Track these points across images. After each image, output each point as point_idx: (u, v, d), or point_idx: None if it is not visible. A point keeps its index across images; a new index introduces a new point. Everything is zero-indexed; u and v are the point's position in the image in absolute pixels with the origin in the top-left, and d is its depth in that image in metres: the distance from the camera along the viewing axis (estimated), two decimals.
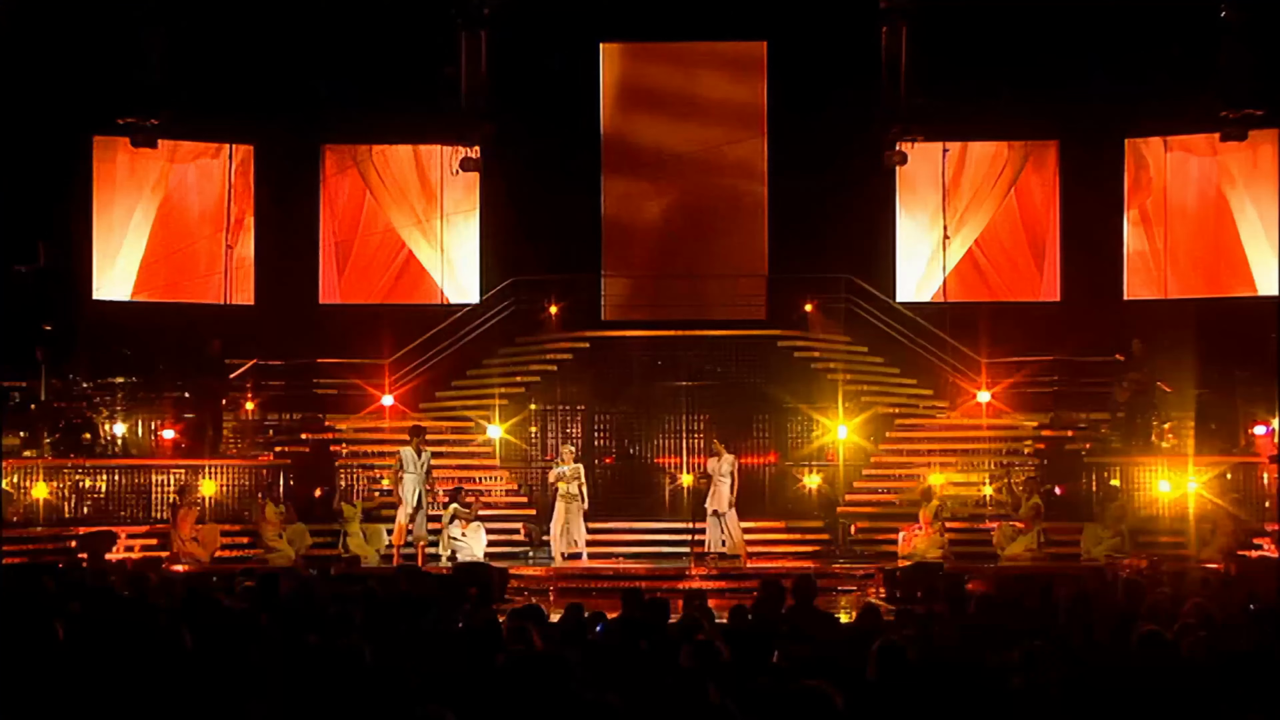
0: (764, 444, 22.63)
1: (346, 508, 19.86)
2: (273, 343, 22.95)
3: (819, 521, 21.07)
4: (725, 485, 19.57)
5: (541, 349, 23.30)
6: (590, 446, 22.75)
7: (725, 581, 18.07)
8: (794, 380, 22.62)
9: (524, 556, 20.04)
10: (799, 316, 23.36)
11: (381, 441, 21.79)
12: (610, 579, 18.10)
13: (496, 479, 21.94)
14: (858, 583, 18.30)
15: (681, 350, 22.90)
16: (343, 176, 24.62)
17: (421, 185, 24.72)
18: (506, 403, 22.58)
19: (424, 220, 24.63)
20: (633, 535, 20.75)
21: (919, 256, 24.55)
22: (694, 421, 22.70)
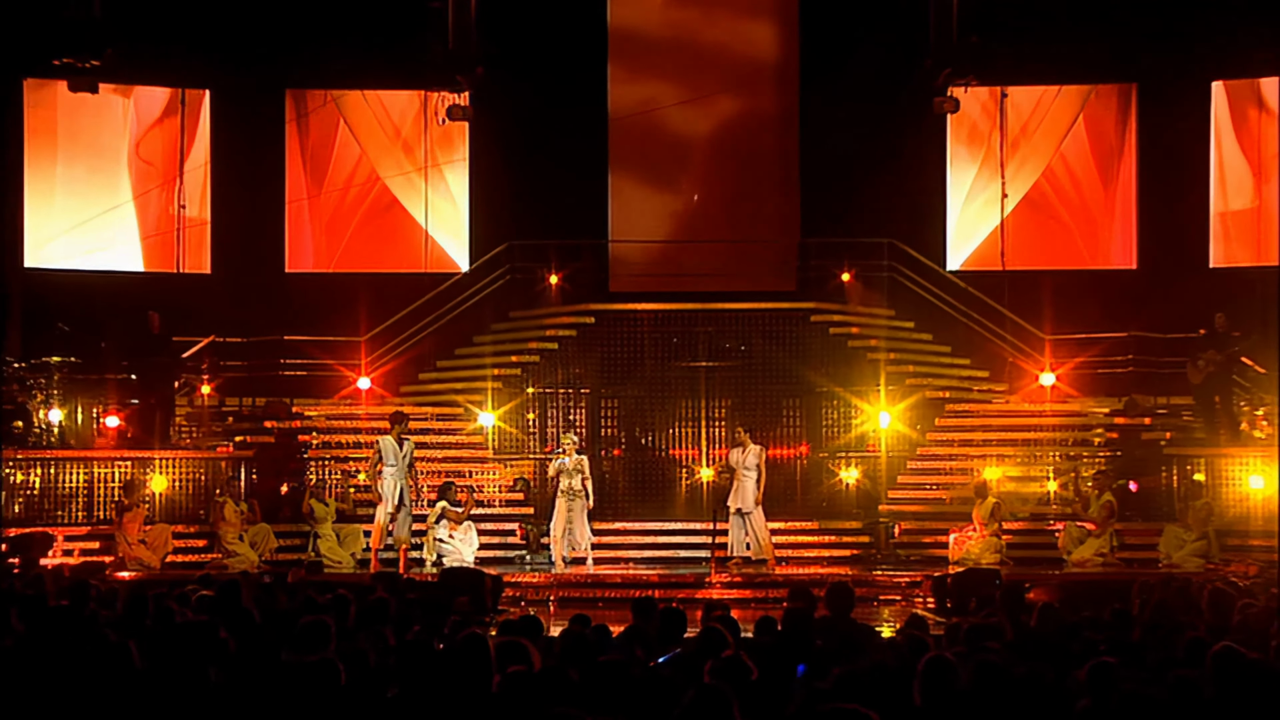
0: (795, 433, 22.66)
1: (318, 506, 19.93)
2: (232, 317, 22.99)
3: (857, 522, 21.10)
4: (750, 480, 19.60)
5: (540, 324, 23.34)
6: (596, 436, 22.80)
7: (750, 590, 18.11)
8: (829, 360, 22.62)
9: (521, 561, 20.09)
10: (835, 287, 23.36)
11: (357, 431, 21.84)
12: (619, 587, 18.15)
13: (489, 473, 22.00)
14: (902, 591, 18.33)
15: (700, 326, 22.94)
16: (312, 126, 24.62)
17: (401, 137, 24.71)
18: (500, 386, 22.63)
19: (405, 178, 24.62)
20: (645, 537, 20.79)
21: (973, 218, 24.50)
22: (715, 407, 22.72)
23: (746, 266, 23.48)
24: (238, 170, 24.18)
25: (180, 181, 24.01)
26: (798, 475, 22.58)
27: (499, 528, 20.74)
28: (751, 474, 19.62)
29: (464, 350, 23.65)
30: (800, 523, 21.02)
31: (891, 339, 22.85)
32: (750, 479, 19.60)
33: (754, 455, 19.71)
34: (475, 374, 22.90)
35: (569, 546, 19.48)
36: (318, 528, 19.80)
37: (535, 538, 20.36)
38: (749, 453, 19.74)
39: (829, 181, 23.87)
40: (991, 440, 21.87)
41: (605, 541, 20.46)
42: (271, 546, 19.62)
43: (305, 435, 21.67)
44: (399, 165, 24.70)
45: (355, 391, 22.63)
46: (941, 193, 24.36)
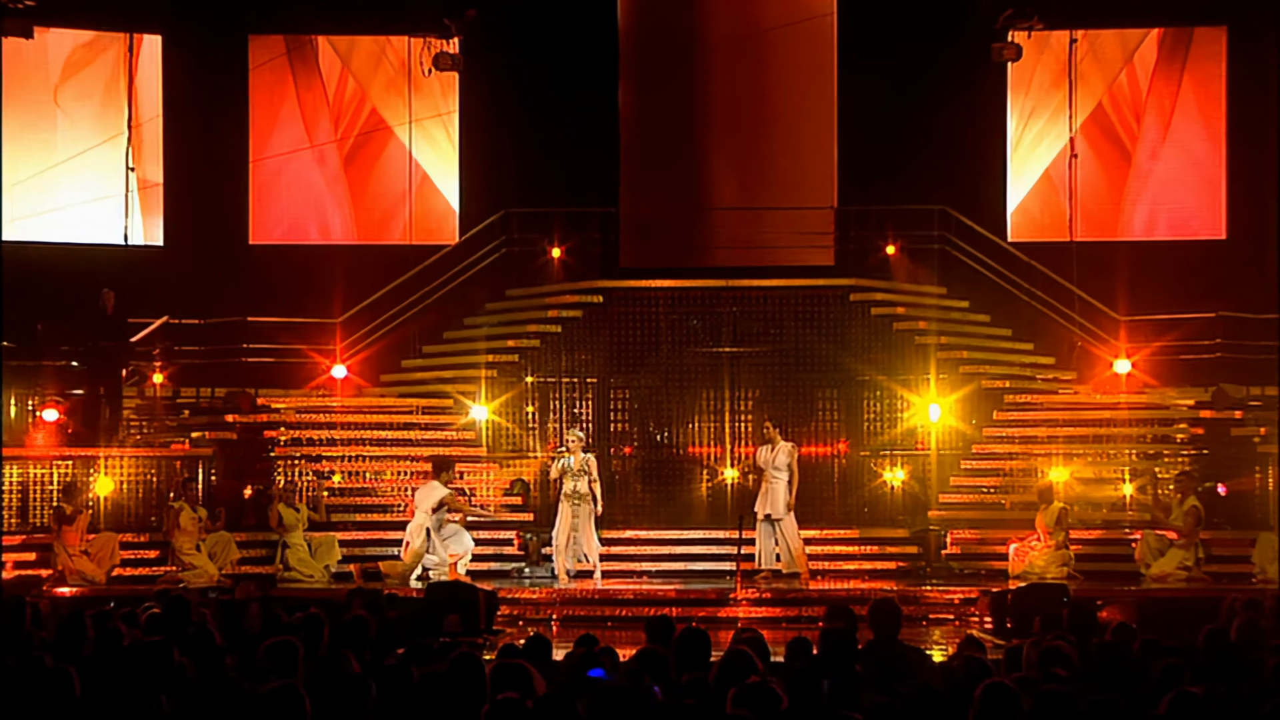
0: (832, 428, 22.65)
1: (286, 512, 19.93)
2: (189, 295, 23.01)
3: (903, 530, 21.08)
4: (781, 482, 19.58)
5: (541, 304, 23.35)
6: (605, 432, 22.82)
7: (782, 608, 18.10)
8: (872, 344, 22.61)
9: (518, 575, 20.10)
10: (878, 261, 23.36)
11: (331, 425, 21.87)
12: (631, 604, 18.14)
13: (483, 474, 22.02)
14: (955, 610, 18.29)
15: (724, 306, 22.95)
16: (279, 77, 24.61)
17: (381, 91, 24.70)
18: (495, 375, 22.63)
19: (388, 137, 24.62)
20: (660, 548, 20.79)
21: (1037, 183, 24.44)
22: (740, 399, 22.72)
23: (777, 238, 23.47)
24: (195, 127, 24.18)
25: (128, 140, 24.00)
26: (835, 477, 22.57)
27: (494, 536, 20.74)
28: (782, 475, 19.59)
29: (454, 334, 23.64)
30: (838, 531, 21.00)
31: (943, 320, 22.82)
32: (780, 481, 19.57)
33: (785, 454, 19.69)
34: (466, 361, 22.90)
35: (574, 558, 19.47)
36: (287, 536, 19.81)
37: (535, 548, 20.34)
38: (779, 451, 19.71)
39: (871, 141, 23.83)
40: (1058, 436, 21.82)
41: (615, 552, 20.45)
42: (233, 558, 19.63)
43: (272, 431, 21.68)
44: (379, 122, 24.68)
45: (329, 381, 22.65)
46: (1000, 153, 24.31)
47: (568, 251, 23.64)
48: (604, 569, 19.73)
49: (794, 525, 19.61)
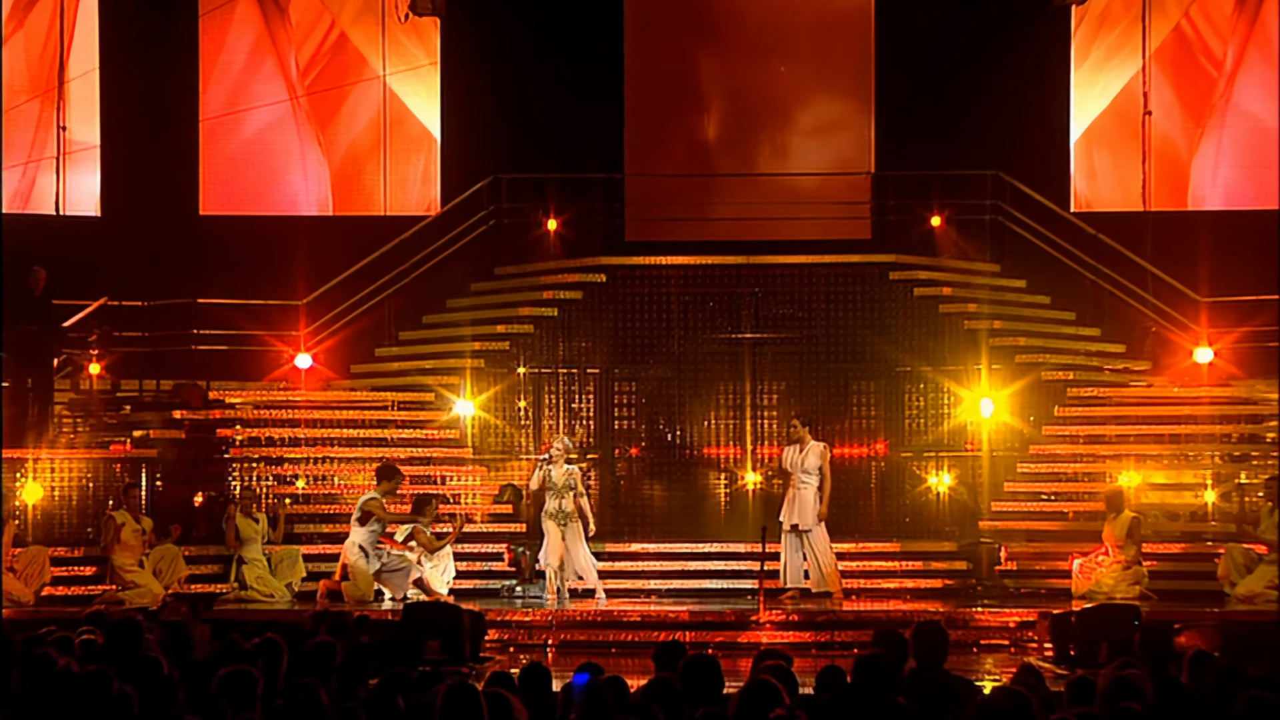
0: (868, 426, 22.67)
1: (243, 523, 19.91)
2: (130, 273, 23.02)
3: (951, 543, 21.07)
4: (810, 488, 19.56)
5: (535, 284, 23.36)
6: (608, 430, 22.88)
7: (811, 632, 18.09)
8: (914, 330, 22.62)
9: (509, 594, 20.09)
10: (922, 235, 23.37)
11: (294, 423, 21.86)
12: (638, 627, 18.11)
13: (468, 478, 22.03)
14: (1010, 635, 18.28)
15: (745, 286, 22.96)
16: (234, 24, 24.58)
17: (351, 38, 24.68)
18: (483, 365, 22.64)
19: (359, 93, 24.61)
20: (671, 563, 20.78)
21: (1105, 144, 24.40)
22: (763, 393, 22.75)
23: (806, 208, 23.47)
24: (136, 81, 24.16)
25: (60, 96, 23.99)
26: (872, 481, 22.58)
27: (481, 549, 20.74)
28: (811, 480, 19.57)
29: (435, 318, 23.65)
30: (876, 544, 20.99)
31: (996, 302, 22.80)
32: (809, 487, 19.56)
33: (815, 455, 19.66)
34: (449, 349, 22.91)
35: (572, 575, 19.47)
36: (243, 550, 19.79)
37: (528, 563, 20.34)
38: (808, 452, 19.68)
39: (913, 97, 23.87)
40: (1129, 436, 21.78)
41: (620, 568, 20.47)
42: (181, 575, 19.62)
43: (227, 429, 21.67)
44: (350, 77, 24.66)
45: (292, 372, 22.64)
46: (1062, 110, 24.27)
47: (566, 223, 23.64)
48: (607, 587, 19.70)
49: (825, 537, 19.58)
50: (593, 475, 22.40)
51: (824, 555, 19.56)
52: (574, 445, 20.61)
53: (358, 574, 19.26)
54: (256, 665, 8.98)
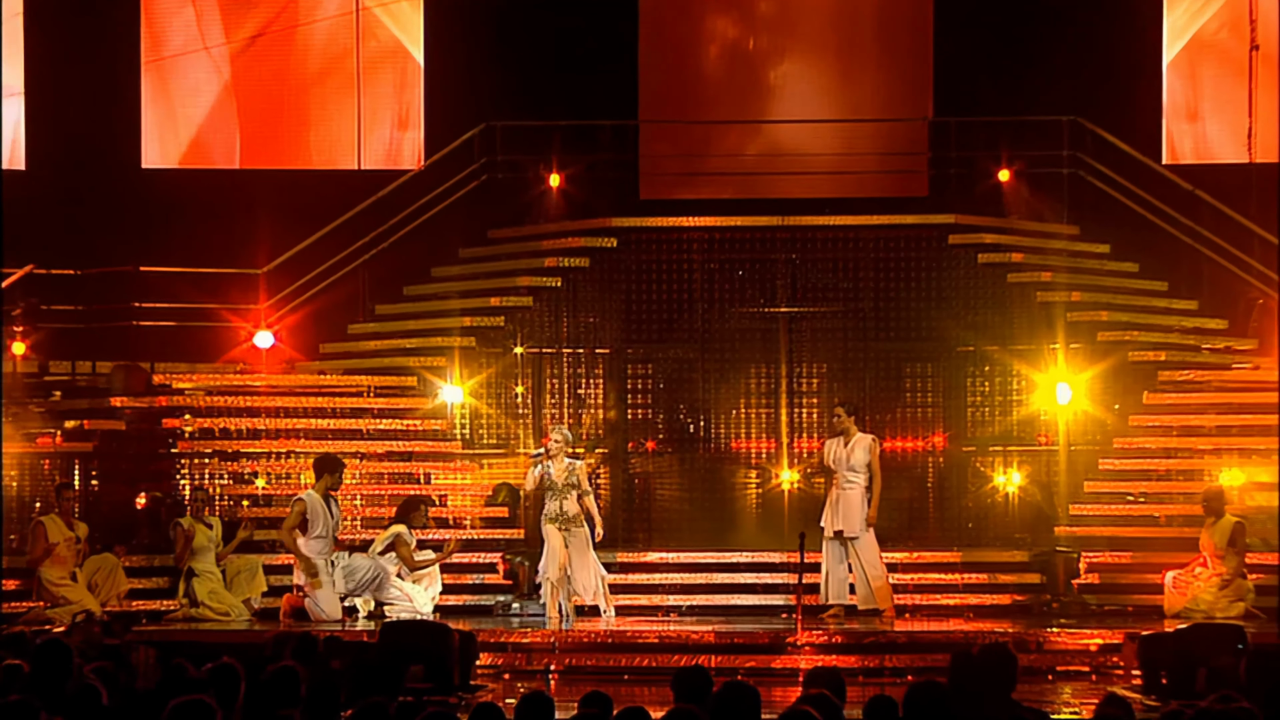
0: (925, 415, 22.67)
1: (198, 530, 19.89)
2: (61, 237, 22.99)
3: (1021, 552, 20.99)
4: (856, 488, 19.48)
5: (535, 250, 23.37)
6: (621, 421, 22.91)
7: (858, 656, 18.03)
8: (978, 303, 22.61)
9: (504, 611, 20.07)
10: (987, 192, 23.31)
11: (254, 412, 21.87)
12: (655, 650, 18.08)
13: (457, 476, 22.04)
14: (1091, 659, 18.23)
15: (779, 252, 22.95)
16: None
17: None
18: (473, 344, 22.64)
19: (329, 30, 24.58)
20: (694, 575, 20.74)
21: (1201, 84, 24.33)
22: (802, 376, 22.74)
23: (852, 160, 23.43)
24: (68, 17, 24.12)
25: None
26: (930, 480, 22.58)
27: (473, 559, 20.73)
28: (858, 479, 19.49)
29: (417, 289, 23.67)
30: (934, 553, 20.95)
31: (1075, 270, 22.77)
32: (855, 487, 19.48)
33: (862, 450, 19.57)
34: (435, 326, 22.94)
35: (574, 591, 19.41)
36: (194, 561, 19.77)
37: (526, 576, 20.30)
38: (854, 446, 19.60)
39: (978, 29, 23.76)
40: (1231, 426, 21.73)
41: (633, 581, 20.45)
42: (121, 590, 19.60)
43: (174, 419, 21.68)
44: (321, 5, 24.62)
45: (250, 352, 22.65)
46: (1154, 45, 24.17)
47: (570, 179, 23.61)
48: (618, 604, 19.68)
49: (874, 546, 19.52)
50: (602, 472, 22.38)
51: (872, 566, 19.50)
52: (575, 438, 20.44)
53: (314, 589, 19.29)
54: (209, 694, 8.96)
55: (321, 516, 19.29)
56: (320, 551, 19.25)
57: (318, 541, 19.28)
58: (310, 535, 19.25)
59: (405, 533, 19.53)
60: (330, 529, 19.36)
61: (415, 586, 19.57)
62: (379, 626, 17.58)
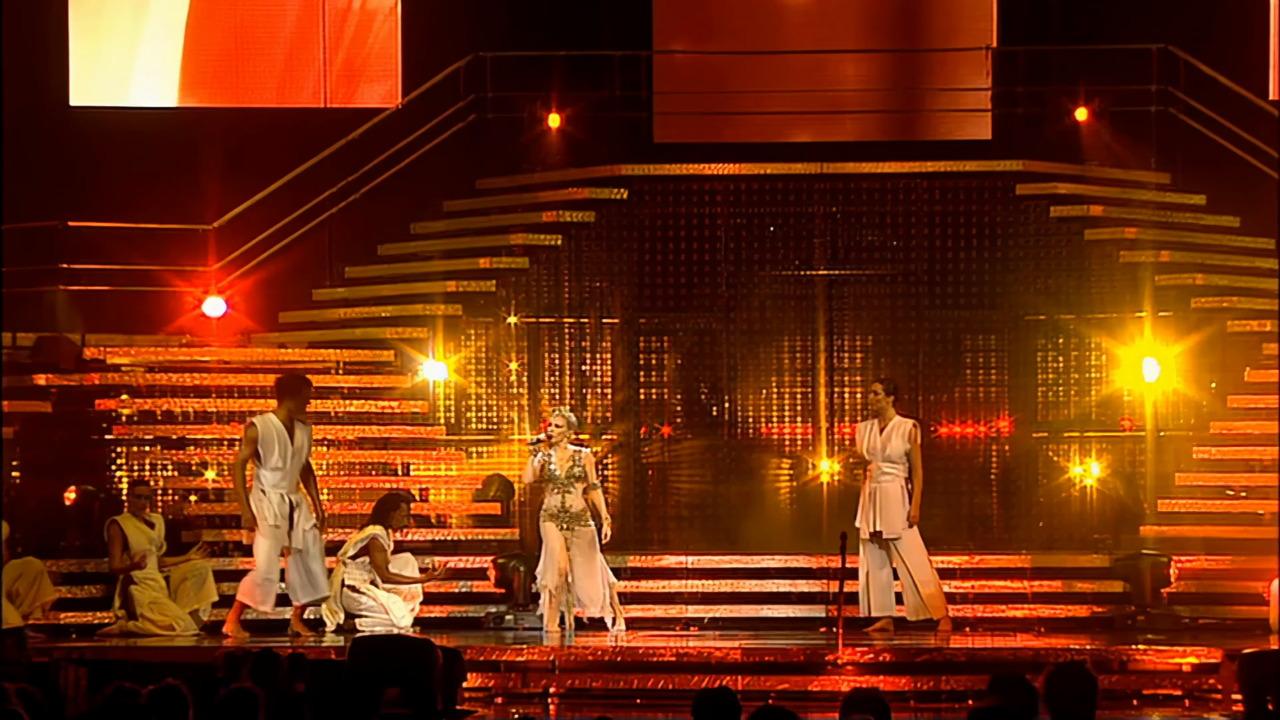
0: (987, 395, 22.70)
1: (133, 529, 19.89)
2: None
3: (1101, 556, 20.99)
4: (895, 481, 19.34)
5: (531, 202, 23.40)
6: (631, 403, 22.96)
7: (910, 677, 17.95)
8: (1051, 264, 22.66)
9: (495, 624, 20.07)
10: (1062, 134, 23.31)
11: (203, 392, 21.88)
12: (673, 669, 18.01)
13: (441, 467, 22.10)
14: (1184, 681, 18.18)
15: (817, 204, 22.98)
16: None
17: None
18: (460, 312, 22.67)
19: None
20: (717, 582, 20.74)
21: None
22: (843, 350, 22.78)
23: (902, 96, 23.61)
24: None
25: None
26: (993, 471, 22.64)
27: (459, 564, 20.72)
28: (896, 470, 19.38)
29: (394, 248, 23.69)
30: (998, 557, 20.92)
31: (1165, 225, 22.74)
32: (894, 478, 19.36)
33: (900, 437, 19.44)
34: (415, 291, 22.97)
35: (576, 601, 19.41)
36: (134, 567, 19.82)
37: (522, 583, 20.32)
38: (893, 431, 19.46)
39: None
40: None
41: (646, 589, 20.47)
42: (46, 600, 19.59)
43: (108, 400, 21.70)
44: None
45: (198, 322, 22.66)
46: None
47: (573, 119, 23.62)
48: (629, 615, 19.69)
49: (920, 546, 19.39)
50: (610, 463, 22.39)
51: (920, 570, 19.42)
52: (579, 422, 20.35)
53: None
54: None
55: (277, 443, 19.13)
56: (275, 484, 19.12)
57: (273, 473, 19.12)
58: (265, 465, 19.16)
59: (382, 535, 19.50)
60: (290, 458, 19.18)
61: (392, 596, 19.57)
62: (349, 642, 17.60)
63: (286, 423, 19.22)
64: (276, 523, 19.03)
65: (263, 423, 19.21)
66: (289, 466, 19.16)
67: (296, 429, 19.28)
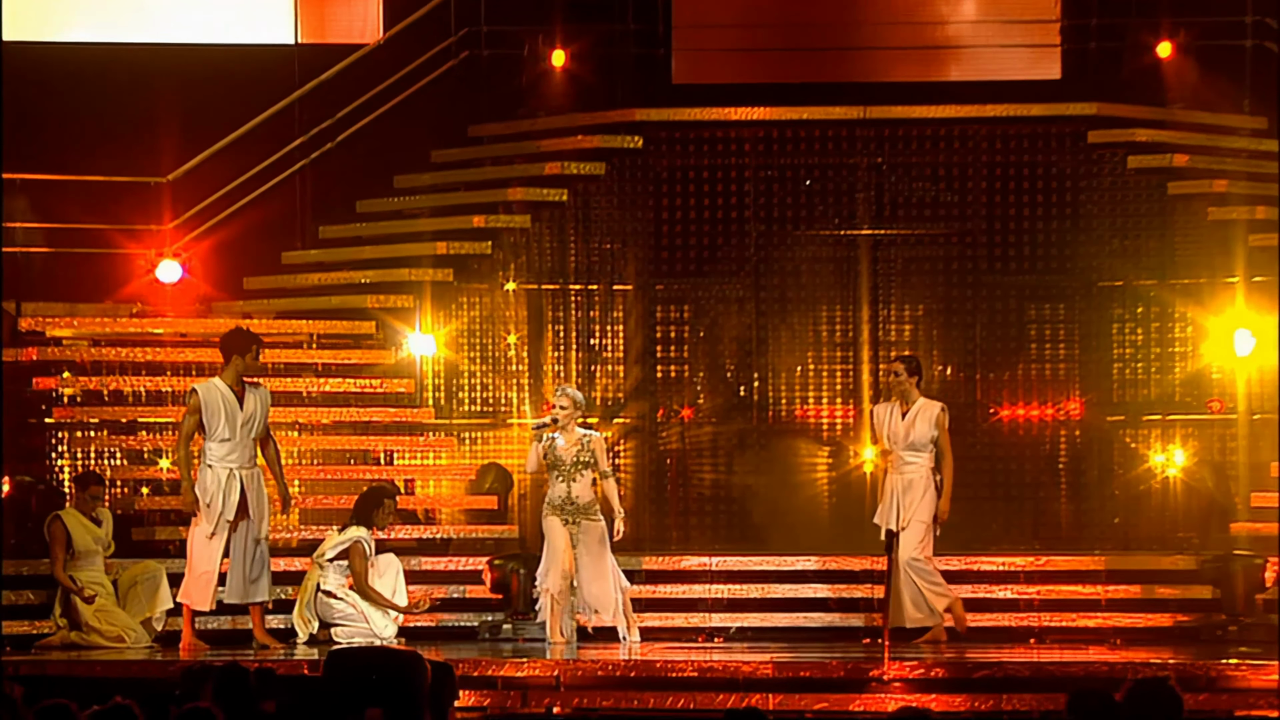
0: (1054, 373, 22.77)
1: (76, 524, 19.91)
2: None
3: (1187, 557, 20.96)
4: (920, 470, 19.31)
5: (533, 153, 23.46)
6: (647, 382, 23.04)
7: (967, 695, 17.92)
8: (1128, 222, 22.71)
9: (492, 635, 20.11)
10: (1140, 72, 23.33)
11: (157, 369, 21.92)
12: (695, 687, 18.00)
13: (430, 456, 22.21)
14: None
15: (859, 154, 23.05)
16: None
17: None
18: (451, 277, 22.72)
19: None
20: (746, 587, 20.73)
21: None
22: (889, 320, 22.87)
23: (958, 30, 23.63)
24: None
25: None
26: (1061, 460, 22.69)
27: (449, 566, 20.74)
28: (920, 459, 19.31)
29: (374, 205, 23.76)
30: (1067, 557, 20.92)
31: (1259, 178, 22.64)
32: (918, 467, 19.34)
33: (926, 421, 19.36)
34: (399, 254, 23.02)
35: (584, 608, 19.42)
36: (75, 568, 19.82)
37: (521, 587, 20.33)
38: (918, 416, 19.39)
39: None
40: None
41: (663, 594, 20.52)
42: None
43: (48, 378, 21.78)
44: None
45: (151, 288, 22.69)
46: None
47: (580, 57, 23.65)
48: (645, 625, 19.72)
49: (922, 541, 19.31)
50: (622, 449, 22.40)
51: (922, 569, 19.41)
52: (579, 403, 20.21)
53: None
54: None
55: (224, 410, 19.06)
56: (223, 458, 19.07)
57: (220, 445, 19.04)
58: (211, 437, 19.08)
59: (365, 539, 19.35)
60: (240, 428, 19.13)
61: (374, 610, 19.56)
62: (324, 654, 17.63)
63: (235, 386, 19.09)
64: (210, 500, 18.89)
65: (205, 389, 19.05)
66: (239, 437, 19.03)
67: (248, 394, 19.12)
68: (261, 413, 19.20)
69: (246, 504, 19.03)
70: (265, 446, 19.31)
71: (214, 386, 19.08)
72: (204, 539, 19.02)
